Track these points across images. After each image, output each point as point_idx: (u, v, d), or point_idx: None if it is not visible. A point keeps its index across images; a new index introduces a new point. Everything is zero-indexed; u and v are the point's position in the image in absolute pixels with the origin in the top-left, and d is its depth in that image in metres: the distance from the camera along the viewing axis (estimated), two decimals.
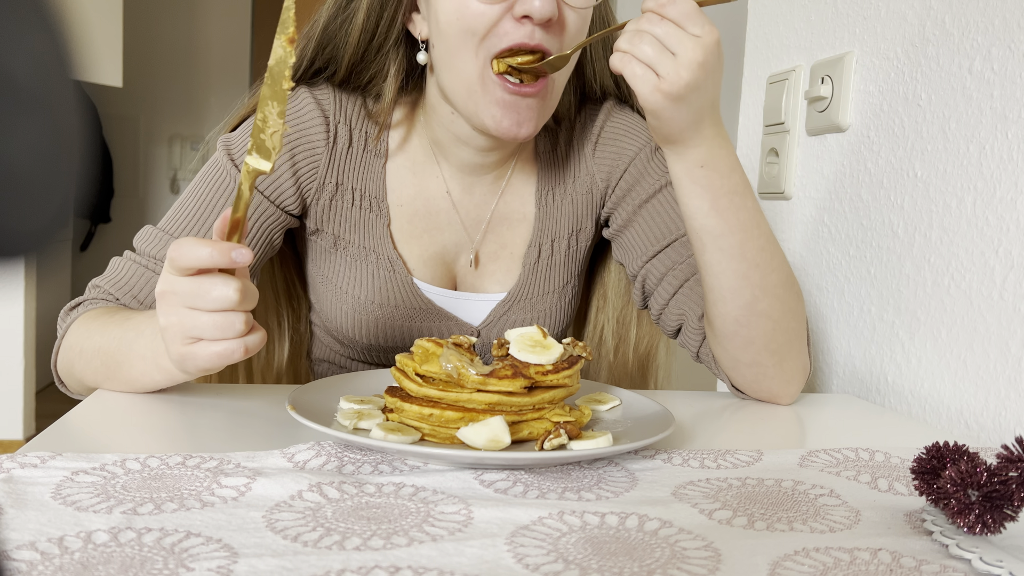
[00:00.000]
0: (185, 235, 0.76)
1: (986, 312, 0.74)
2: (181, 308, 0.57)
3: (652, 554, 0.42)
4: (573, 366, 0.59)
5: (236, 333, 0.57)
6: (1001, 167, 0.73)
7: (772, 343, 0.73)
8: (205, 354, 0.58)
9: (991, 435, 0.73)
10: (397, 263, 0.82)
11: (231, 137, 0.81)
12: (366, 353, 0.87)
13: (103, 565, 0.38)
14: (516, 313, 0.86)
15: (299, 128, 0.79)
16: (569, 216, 0.87)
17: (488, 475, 0.53)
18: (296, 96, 0.80)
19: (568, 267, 0.88)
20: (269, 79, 0.54)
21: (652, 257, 0.83)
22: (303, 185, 0.80)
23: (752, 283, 0.70)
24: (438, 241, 0.84)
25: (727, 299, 0.71)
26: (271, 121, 0.55)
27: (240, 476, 0.50)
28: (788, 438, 0.69)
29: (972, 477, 0.44)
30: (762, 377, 0.76)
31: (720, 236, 0.69)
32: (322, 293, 0.85)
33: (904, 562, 0.42)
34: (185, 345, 0.58)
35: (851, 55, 0.94)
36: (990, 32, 0.75)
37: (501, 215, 0.86)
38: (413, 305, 0.83)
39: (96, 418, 0.64)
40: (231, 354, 0.58)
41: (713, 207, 0.68)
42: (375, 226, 0.82)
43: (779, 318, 0.72)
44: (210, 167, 0.80)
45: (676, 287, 0.81)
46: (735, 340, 0.73)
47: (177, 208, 0.79)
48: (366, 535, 0.42)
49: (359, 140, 0.81)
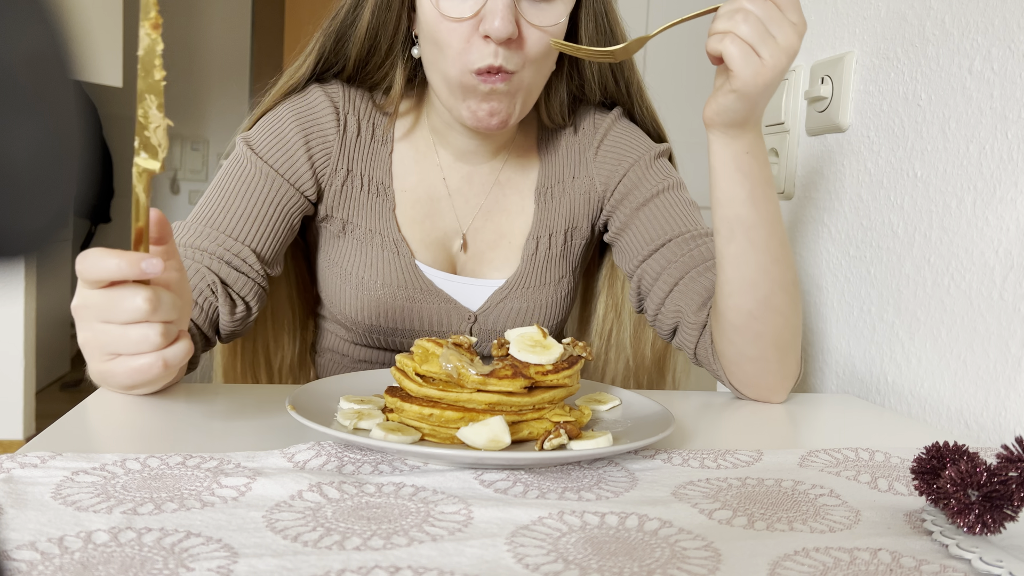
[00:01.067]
0: (214, 224, 0.79)
1: (986, 312, 0.74)
2: (95, 322, 0.55)
3: (652, 554, 0.42)
4: (573, 366, 0.59)
5: (152, 346, 0.55)
6: (1001, 167, 0.73)
7: (780, 339, 0.74)
8: (122, 370, 0.56)
9: (991, 435, 0.73)
10: (401, 245, 0.85)
11: (249, 134, 0.84)
12: (368, 336, 0.89)
13: (103, 565, 0.38)
14: (513, 301, 0.88)
15: (312, 118, 0.83)
16: (566, 214, 0.90)
17: (488, 475, 0.53)
18: (308, 91, 0.85)
19: (564, 262, 0.91)
20: (142, 71, 0.49)
21: (647, 257, 0.85)
22: (318, 171, 0.84)
23: (771, 277, 0.71)
24: (439, 227, 0.88)
25: (745, 291, 0.72)
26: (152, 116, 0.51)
27: (240, 476, 0.50)
28: (788, 438, 0.69)
29: (972, 477, 0.44)
30: (764, 372, 0.76)
31: (752, 227, 0.70)
32: (328, 277, 0.88)
33: (904, 562, 0.42)
34: (104, 362, 0.56)
35: (851, 55, 0.94)
36: (990, 32, 0.75)
37: (500, 206, 0.89)
38: (414, 286, 0.86)
39: (96, 418, 0.64)
40: (148, 369, 0.55)
41: (750, 196, 0.70)
42: (381, 210, 0.86)
43: (789, 315, 0.74)
44: (232, 161, 0.83)
45: (672, 285, 0.82)
46: (746, 334, 0.74)
47: (204, 201, 0.82)
48: (366, 535, 0.42)
49: (367, 129, 0.86)
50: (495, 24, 0.70)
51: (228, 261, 0.78)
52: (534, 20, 0.73)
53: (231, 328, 0.79)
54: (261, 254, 0.80)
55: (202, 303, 0.76)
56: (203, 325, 0.76)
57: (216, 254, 0.77)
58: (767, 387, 0.78)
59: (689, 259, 0.82)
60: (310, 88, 0.85)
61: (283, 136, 0.82)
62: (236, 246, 0.78)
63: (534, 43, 0.74)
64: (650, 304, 0.85)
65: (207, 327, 0.77)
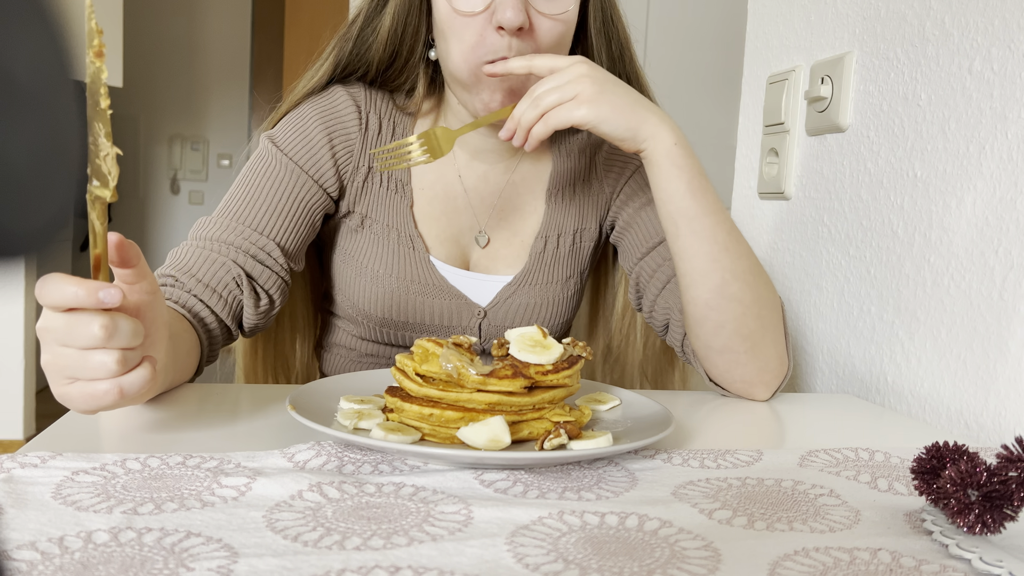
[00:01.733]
0: (240, 218, 0.81)
1: (986, 312, 0.74)
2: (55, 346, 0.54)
3: (652, 554, 0.42)
4: (573, 366, 0.59)
5: (108, 373, 0.53)
6: (1001, 167, 0.73)
7: (743, 328, 0.75)
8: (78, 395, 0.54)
9: (991, 435, 0.73)
10: (417, 241, 0.87)
11: (273, 132, 0.86)
12: (379, 330, 0.90)
13: (103, 565, 0.38)
14: (521, 297, 0.90)
15: (335, 117, 0.85)
16: (576, 215, 0.92)
17: (488, 475, 0.53)
18: (331, 91, 0.87)
19: (572, 262, 0.93)
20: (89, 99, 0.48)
21: (646, 254, 0.87)
22: (341, 168, 0.86)
23: (722, 266, 0.74)
24: (455, 224, 0.90)
25: (698, 283, 0.75)
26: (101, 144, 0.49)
27: (240, 476, 0.50)
28: (788, 438, 0.69)
29: (972, 477, 0.44)
30: (735, 364, 0.77)
31: (694, 218, 0.73)
32: (343, 271, 0.90)
33: (904, 562, 0.42)
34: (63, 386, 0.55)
35: (851, 55, 0.94)
36: (990, 32, 0.75)
37: (513, 205, 0.91)
38: (427, 281, 0.87)
39: (96, 418, 0.64)
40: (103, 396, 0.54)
41: (688, 188, 0.73)
42: (400, 207, 0.88)
43: (750, 303, 0.75)
44: (256, 158, 0.85)
45: (664, 283, 0.85)
46: (706, 325, 0.76)
47: (228, 197, 0.83)
48: (366, 535, 0.42)
49: (388, 128, 0.88)
50: (507, 14, 0.72)
51: (253, 255, 0.80)
52: (544, 9, 0.75)
53: (255, 321, 0.80)
54: (285, 248, 0.82)
55: (227, 296, 0.77)
56: (226, 319, 0.78)
57: (242, 247, 0.79)
58: (743, 381, 0.78)
59: None
60: (332, 88, 0.87)
61: (307, 134, 0.84)
62: (261, 240, 0.80)
63: (545, 32, 0.76)
64: (645, 302, 0.88)
65: (230, 320, 0.78)
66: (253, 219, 0.81)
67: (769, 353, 0.77)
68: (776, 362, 0.78)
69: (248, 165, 0.85)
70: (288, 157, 0.83)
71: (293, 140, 0.84)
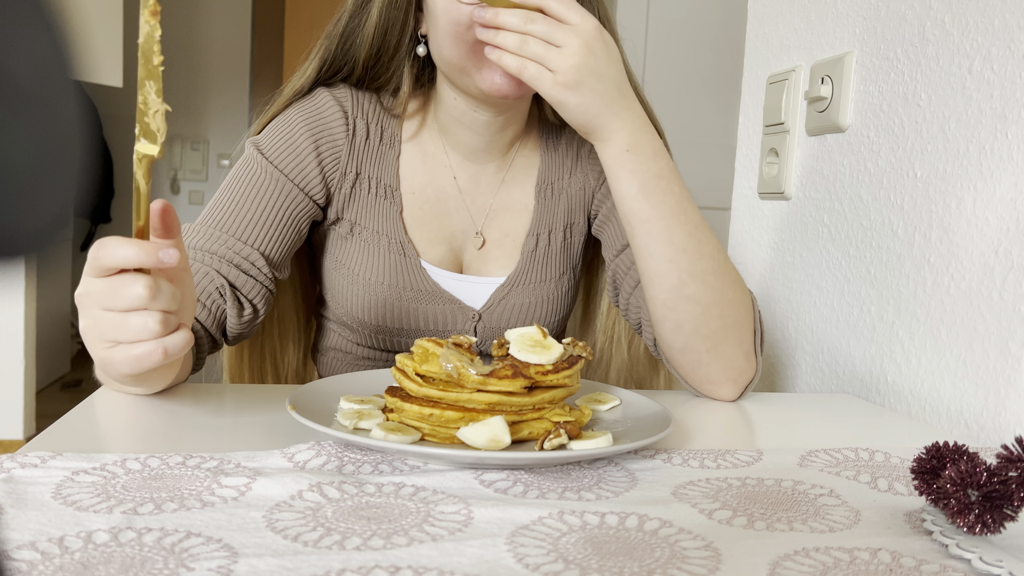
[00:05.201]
0: (223, 227, 0.79)
1: (986, 312, 0.74)
2: (96, 309, 0.55)
3: (652, 554, 0.42)
4: (573, 366, 0.59)
5: (151, 334, 0.54)
6: (1001, 167, 0.73)
7: (703, 328, 0.75)
8: (122, 358, 0.55)
9: (991, 435, 0.73)
10: (408, 247, 0.86)
11: (259, 138, 0.85)
12: (374, 337, 0.89)
13: (103, 565, 0.38)
14: (515, 297, 0.89)
15: (321, 123, 0.84)
16: (565, 210, 0.92)
17: (488, 475, 0.53)
18: (316, 96, 0.85)
19: (564, 258, 0.92)
20: (142, 58, 0.50)
21: (622, 250, 0.87)
22: (327, 175, 0.85)
23: (679, 267, 0.73)
24: (447, 227, 0.89)
25: (655, 282, 0.74)
26: (151, 102, 0.51)
27: (240, 476, 0.50)
28: (788, 438, 0.69)
29: (972, 477, 0.44)
30: (697, 364, 0.77)
31: (647, 220, 0.72)
32: (335, 279, 0.89)
33: (904, 562, 0.42)
34: (104, 349, 0.56)
35: (851, 55, 0.94)
36: (990, 32, 0.75)
37: (504, 204, 0.91)
38: (420, 287, 0.87)
39: (96, 418, 0.64)
40: (148, 356, 0.55)
41: (641, 191, 0.72)
42: (389, 213, 0.87)
43: (709, 304, 0.74)
44: (241, 164, 0.84)
45: (638, 279, 0.84)
46: (665, 324, 0.76)
47: (212, 205, 0.82)
48: (366, 535, 0.42)
49: (375, 133, 0.87)
50: None
51: (237, 264, 0.78)
52: None
53: (238, 330, 0.79)
54: (269, 257, 0.81)
55: (210, 305, 0.76)
56: (210, 327, 0.77)
57: (225, 257, 0.78)
58: (708, 381, 0.78)
59: None
60: (318, 92, 0.85)
61: (293, 140, 0.83)
62: (245, 249, 0.79)
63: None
64: (621, 298, 0.87)
65: (214, 329, 0.77)
66: (236, 228, 0.79)
67: (733, 352, 0.76)
68: (742, 361, 0.77)
69: (233, 172, 0.84)
70: (273, 165, 0.82)
71: (278, 147, 0.83)
